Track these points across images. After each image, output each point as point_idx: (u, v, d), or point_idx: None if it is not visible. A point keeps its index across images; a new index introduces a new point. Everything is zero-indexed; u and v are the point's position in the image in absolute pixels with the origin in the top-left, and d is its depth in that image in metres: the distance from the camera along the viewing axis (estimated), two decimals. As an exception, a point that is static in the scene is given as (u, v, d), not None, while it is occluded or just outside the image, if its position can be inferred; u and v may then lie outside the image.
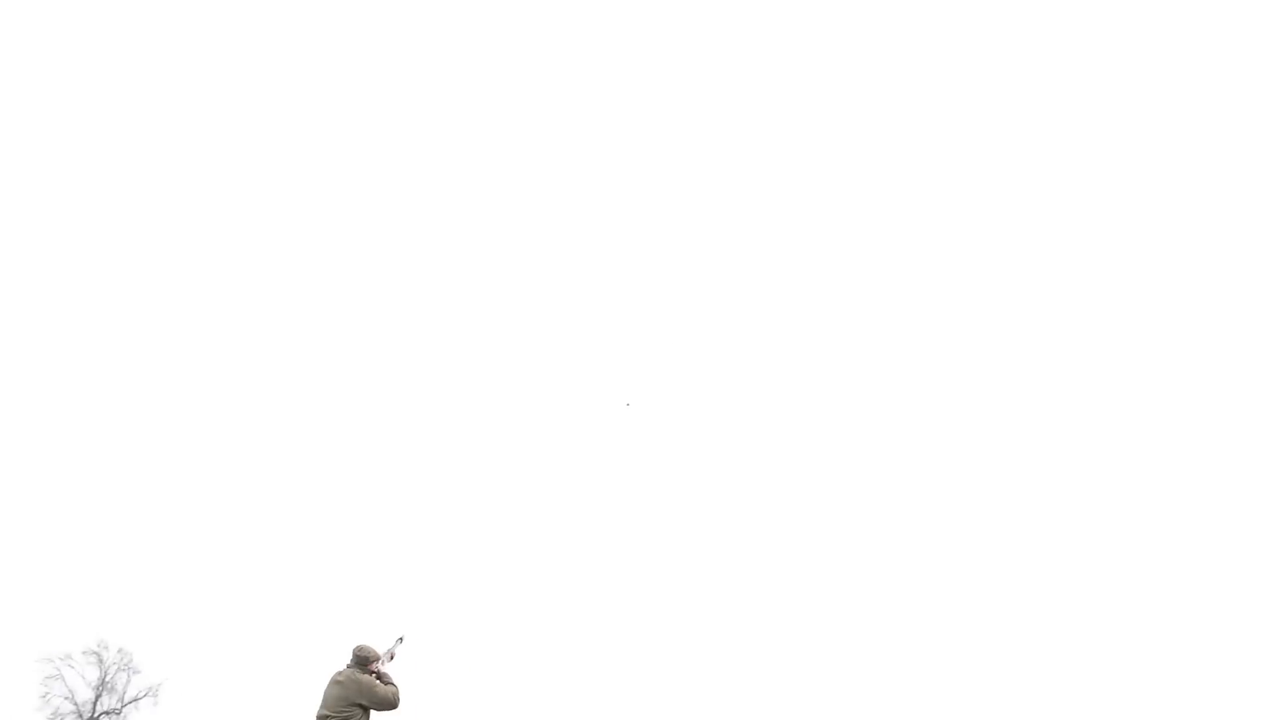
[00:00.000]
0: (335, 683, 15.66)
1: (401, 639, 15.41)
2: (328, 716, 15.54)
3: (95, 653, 38.10)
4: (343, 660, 15.81)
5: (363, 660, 15.73)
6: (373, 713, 15.63)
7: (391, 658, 16.15)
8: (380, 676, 15.89)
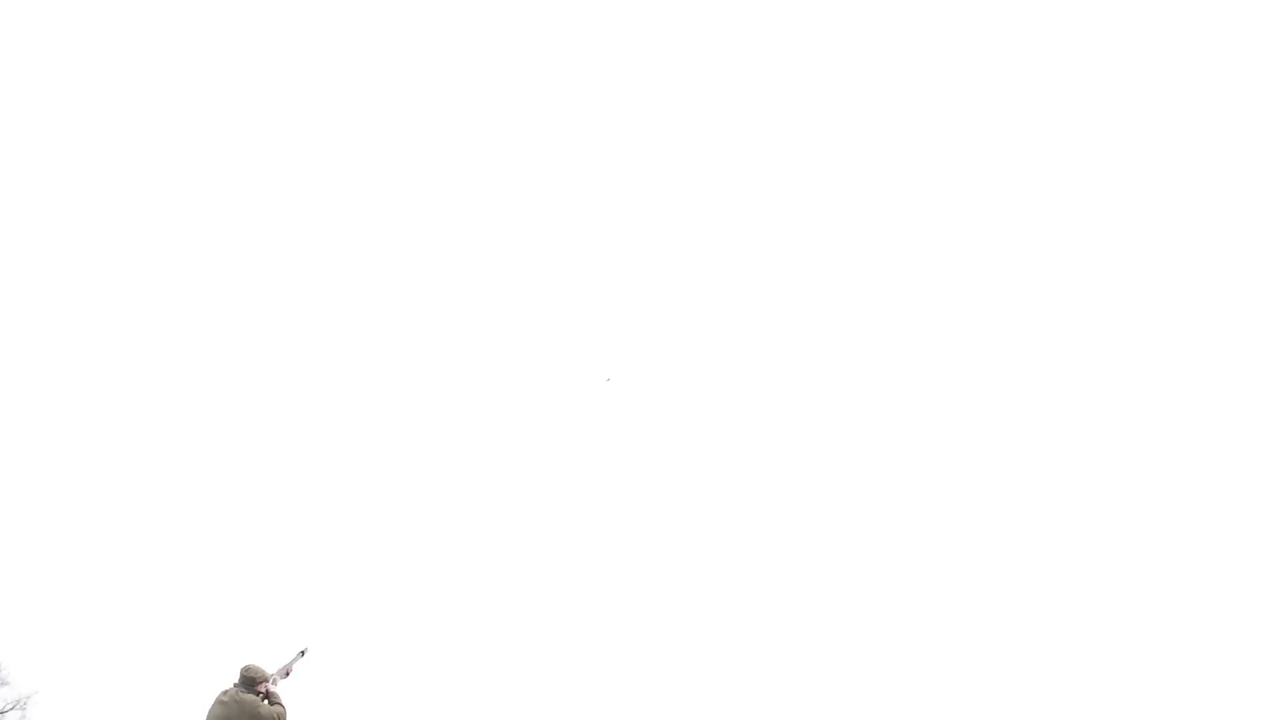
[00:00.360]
0: (219, 703, 15.06)
1: (304, 652, 14.40)
2: (209, 737, 14.85)
3: (-42, 662, 35.77)
4: (233, 676, 15.04)
5: (249, 680, 15.11)
6: None
7: (287, 674, 15.33)
8: (269, 696, 15.26)
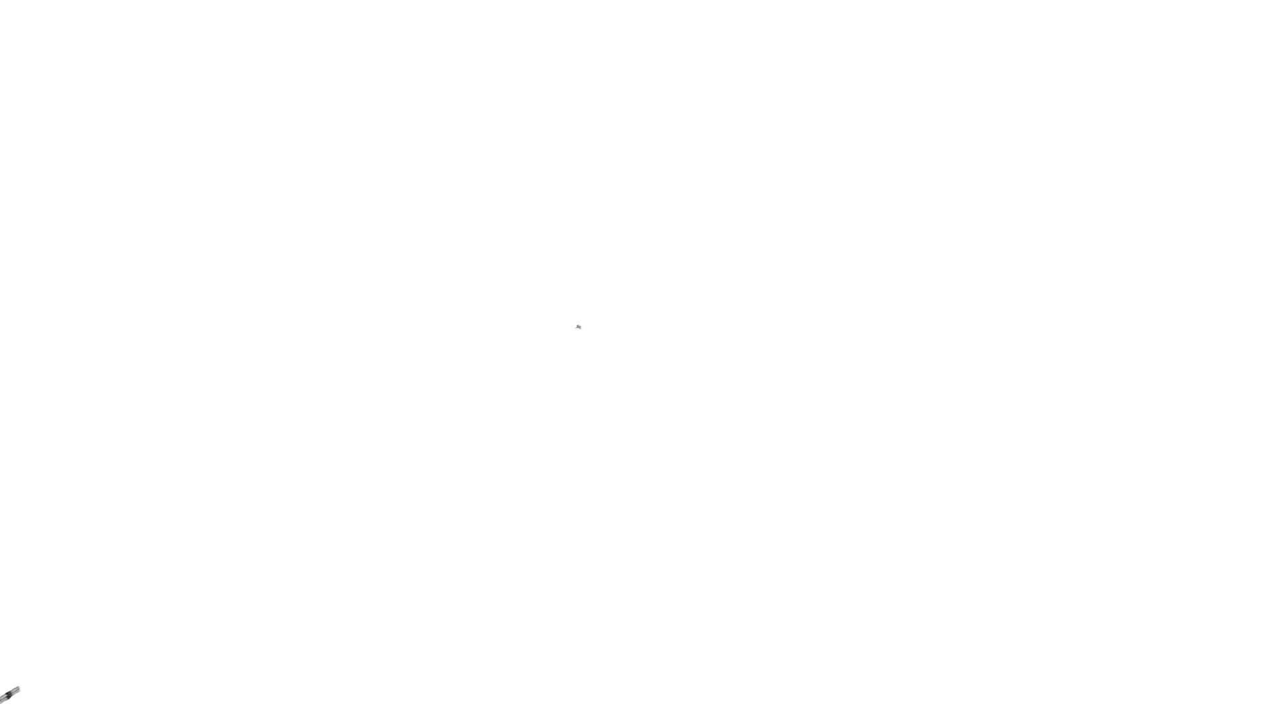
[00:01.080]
0: None
1: (11, 693, 12.56)
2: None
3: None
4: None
5: None
6: None
7: None
8: None
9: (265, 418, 2.65)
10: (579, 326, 2.75)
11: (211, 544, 2.60)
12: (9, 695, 2.23)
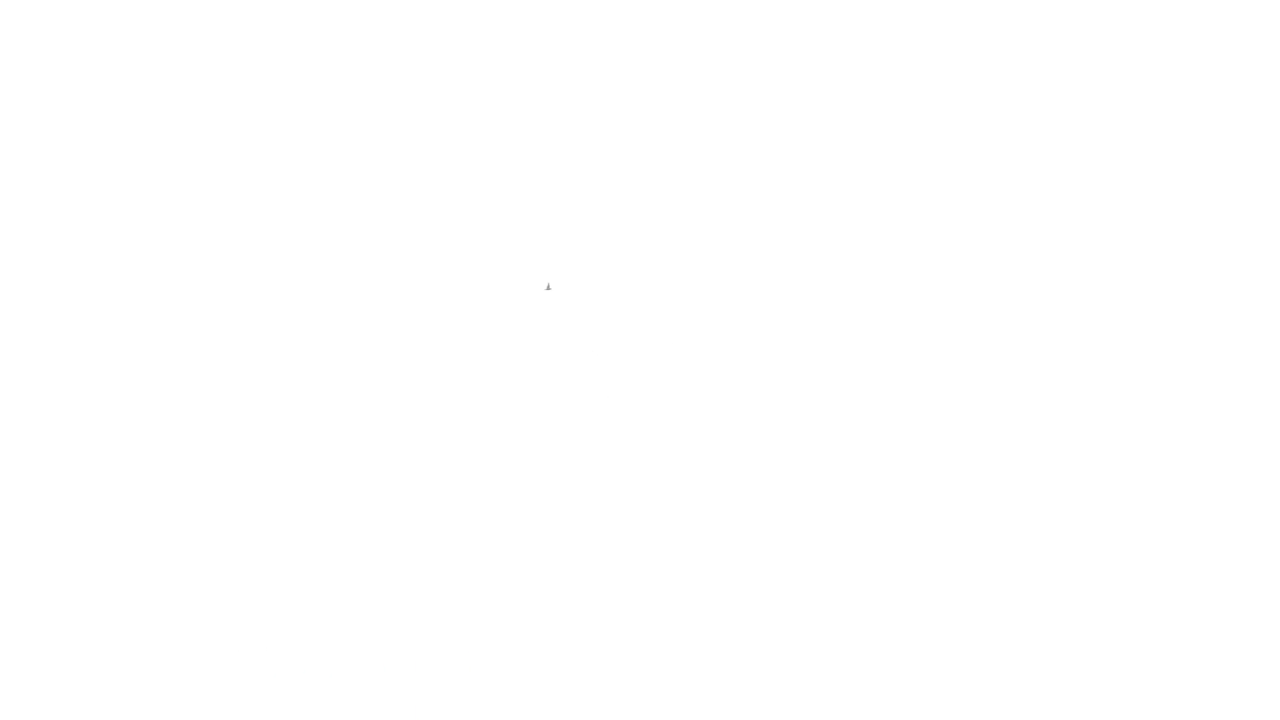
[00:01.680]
0: None
1: None
2: None
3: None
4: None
5: None
6: None
7: None
8: None
9: (231, 382, 2.61)
10: (549, 287, 2.71)
11: (188, 531, 2.58)
12: None
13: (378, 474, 2.64)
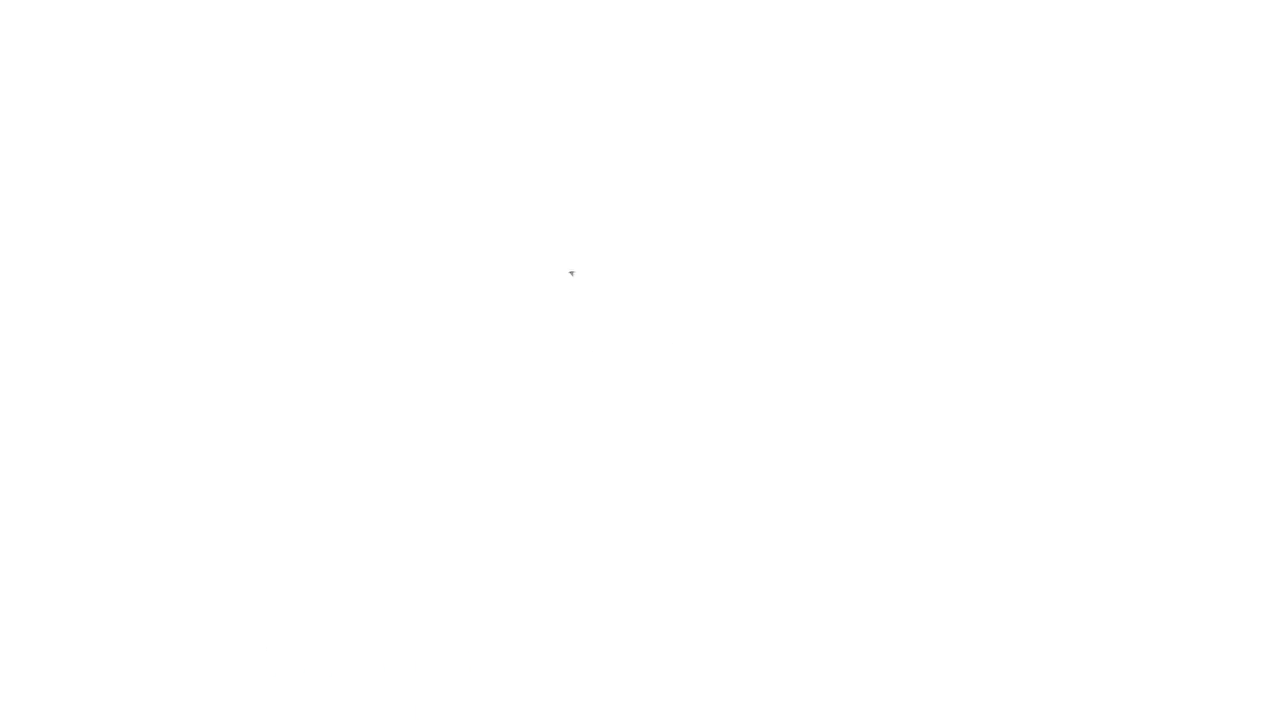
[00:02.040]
0: None
1: None
2: None
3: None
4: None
5: None
6: None
7: None
8: None
9: (244, 373, 2.63)
10: (572, 273, 2.69)
11: (191, 522, 2.59)
12: None
13: (396, 465, 2.65)
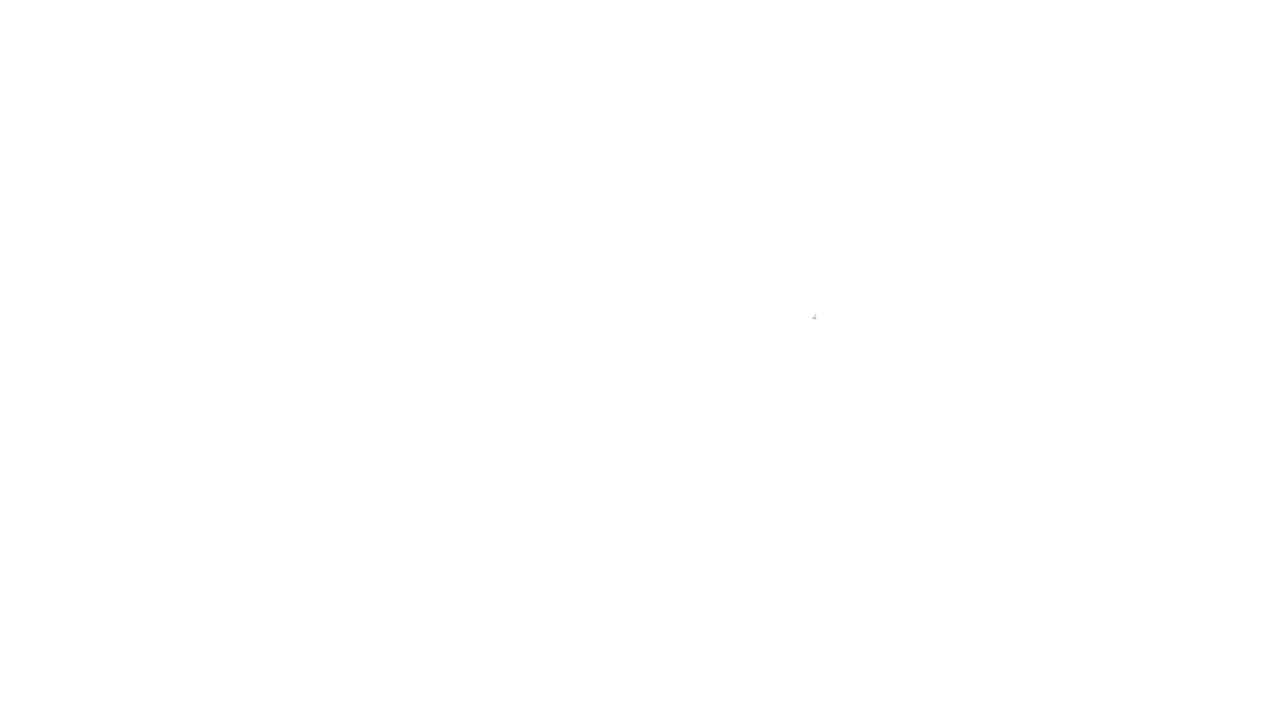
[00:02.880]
0: None
1: None
2: None
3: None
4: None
5: None
6: None
7: None
8: None
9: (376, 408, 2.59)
10: (815, 317, 2.68)
11: (200, 518, 2.56)
12: None
13: (398, 465, 2.63)
